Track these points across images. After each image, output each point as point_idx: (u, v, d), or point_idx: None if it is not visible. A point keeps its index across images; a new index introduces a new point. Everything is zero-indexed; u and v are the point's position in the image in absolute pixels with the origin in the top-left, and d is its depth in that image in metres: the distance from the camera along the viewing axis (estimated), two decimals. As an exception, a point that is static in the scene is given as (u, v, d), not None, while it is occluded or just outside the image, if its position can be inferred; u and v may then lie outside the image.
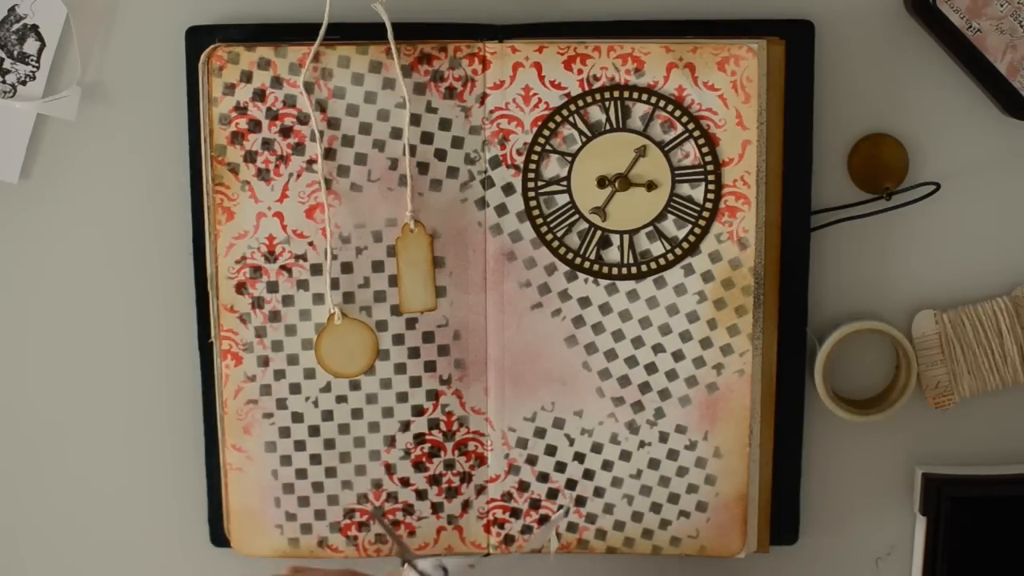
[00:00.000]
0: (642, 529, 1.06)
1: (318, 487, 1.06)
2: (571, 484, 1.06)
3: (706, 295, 1.03)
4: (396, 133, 1.02)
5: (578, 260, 1.03)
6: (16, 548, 1.12)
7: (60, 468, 1.10)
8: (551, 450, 1.06)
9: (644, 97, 1.01)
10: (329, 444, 1.05)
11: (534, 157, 1.02)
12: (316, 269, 1.03)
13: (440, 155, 1.03)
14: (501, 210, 1.03)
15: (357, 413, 1.05)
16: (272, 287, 1.03)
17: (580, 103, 1.01)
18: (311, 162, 1.02)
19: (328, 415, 1.05)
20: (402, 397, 1.05)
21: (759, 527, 1.07)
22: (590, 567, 1.11)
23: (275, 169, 1.02)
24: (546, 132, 1.02)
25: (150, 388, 1.09)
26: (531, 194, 1.03)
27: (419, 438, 1.06)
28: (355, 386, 1.05)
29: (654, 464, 1.06)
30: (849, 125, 1.05)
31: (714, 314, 1.03)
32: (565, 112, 1.02)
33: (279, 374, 1.04)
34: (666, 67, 1.01)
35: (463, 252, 1.04)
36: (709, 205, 1.02)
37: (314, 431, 1.05)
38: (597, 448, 1.05)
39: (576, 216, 1.03)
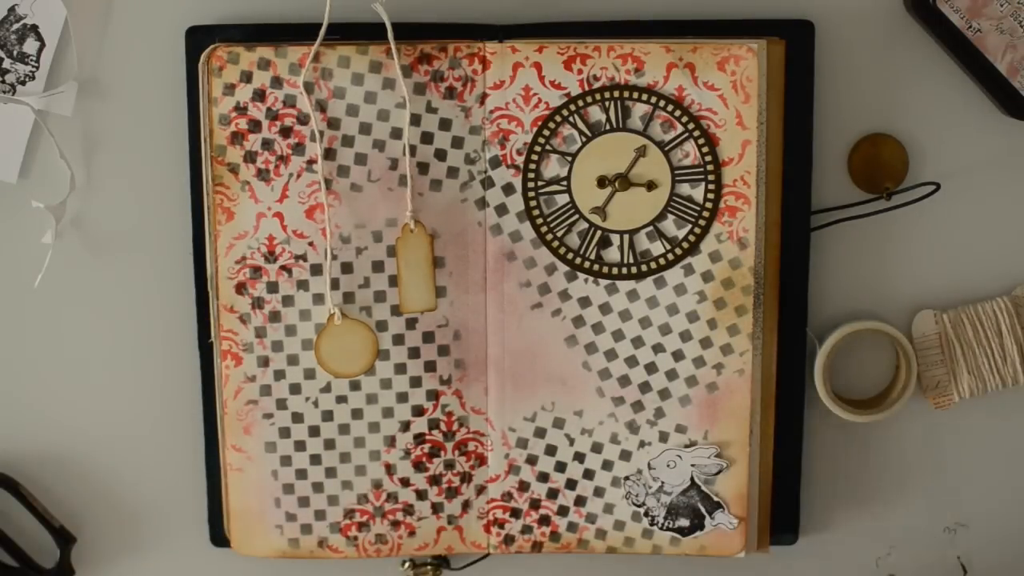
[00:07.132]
0: (642, 529, 1.06)
1: (318, 487, 1.06)
2: (571, 484, 1.06)
3: (706, 295, 1.03)
4: (396, 133, 1.02)
5: (578, 260, 1.03)
6: (16, 548, 1.12)
7: (59, 468, 1.10)
8: (551, 450, 1.06)
9: (644, 97, 1.01)
10: (329, 444, 1.05)
11: (534, 157, 1.02)
12: (316, 269, 1.03)
13: (440, 155, 1.02)
14: (501, 210, 1.03)
15: (357, 413, 1.05)
16: (272, 287, 1.03)
17: (580, 103, 1.01)
18: (311, 162, 1.02)
19: (328, 415, 1.05)
20: (402, 397, 1.05)
21: (759, 527, 1.07)
22: (590, 567, 1.11)
23: (275, 169, 1.02)
24: (546, 132, 1.02)
25: (150, 388, 1.09)
26: (531, 194, 1.03)
27: (419, 438, 1.06)
28: (355, 386, 1.05)
29: (654, 464, 1.06)
30: (849, 125, 1.05)
31: (714, 314, 1.03)
32: (565, 112, 1.02)
33: (279, 374, 1.04)
34: (666, 67, 1.00)
35: (463, 252, 1.04)
36: (709, 205, 1.02)
37: (314, 431, 1.05)
38: (597, 448, 1.05)
39: (576, 216, 1.03)
